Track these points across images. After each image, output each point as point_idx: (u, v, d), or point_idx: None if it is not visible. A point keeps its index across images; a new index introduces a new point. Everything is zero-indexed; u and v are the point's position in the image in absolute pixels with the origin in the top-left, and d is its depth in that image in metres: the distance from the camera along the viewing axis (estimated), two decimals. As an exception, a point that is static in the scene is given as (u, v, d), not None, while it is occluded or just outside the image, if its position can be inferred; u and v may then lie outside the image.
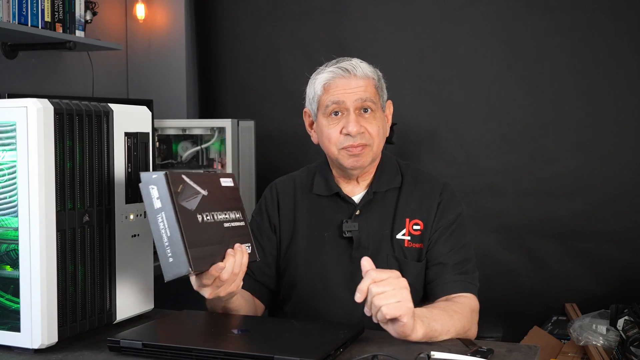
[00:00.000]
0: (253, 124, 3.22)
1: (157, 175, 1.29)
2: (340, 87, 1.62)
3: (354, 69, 1.62)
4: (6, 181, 1.29)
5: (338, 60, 1.67)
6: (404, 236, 1.65)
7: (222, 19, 3.66)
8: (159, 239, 1.29)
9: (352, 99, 1.61)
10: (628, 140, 3.11)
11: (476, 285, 1.62)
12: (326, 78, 1.63)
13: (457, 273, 1.61)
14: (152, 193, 1.29)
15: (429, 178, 1.73)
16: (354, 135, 1.60)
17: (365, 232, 1.65)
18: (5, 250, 1.32)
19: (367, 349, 1.30)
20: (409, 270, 1.62)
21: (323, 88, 1.64)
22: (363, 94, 1.61)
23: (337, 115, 1.63)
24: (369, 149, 1.63)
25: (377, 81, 1.66)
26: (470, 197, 3.17)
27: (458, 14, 3.29)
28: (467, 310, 1.52)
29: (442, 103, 3.33)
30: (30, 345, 1.28)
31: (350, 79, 1.62)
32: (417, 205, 1.67)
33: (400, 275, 1.32)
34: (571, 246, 3.18)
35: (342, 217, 1.68)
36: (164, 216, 1.28)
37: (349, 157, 1.63)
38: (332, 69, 1.64)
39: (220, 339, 1.34)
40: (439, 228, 1.65)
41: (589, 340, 2.83)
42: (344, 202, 1.70)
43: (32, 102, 1.26)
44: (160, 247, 1.30)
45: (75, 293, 1.34)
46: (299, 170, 1.81)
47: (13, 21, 2.63)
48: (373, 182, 1.70)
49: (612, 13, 3.09)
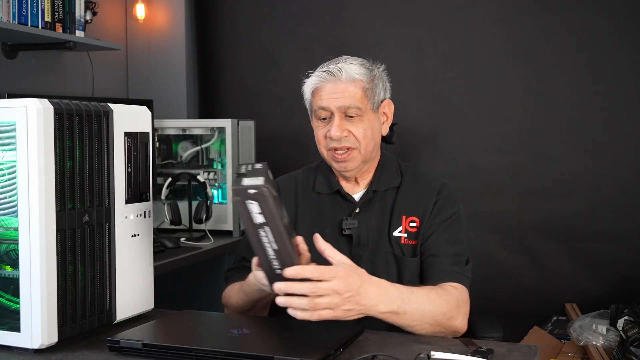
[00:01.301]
0: (253, 124, 3.22)
1: (257, 191, 1.22)
2: (326, 92, 1.64)
3: (339, 72, 1.64)
4: (6, 181, 1.29)
5: (328, 63, 1.69)
6: (400, 233, 1.68)
7: (222, 19, 3.66)
8: (260, 251, 1.28)
9: (336, 105, 1.63)
10: (628, 140, 3.10)
11: (468, 278, 1.63)
12: (314, 82, 1.67)
13: (450, 264, 1.63)
14: (252, 208, 1.23)
15: (428, 178, 1.75)
16: (335, 139, 1.63)
17: (365, 229, 1.68)
18: (5, 250, 1.32)
19: (367, 349, 1.31)
20: (406, 267, 1.65)
21: (312, 92, 1.68)
22: (346, 101, 1.63)
23: (324, 120, 1.66)
24: (356, 152, 1.65)
25: (367, 82, 1.66)
26: (470, 197, 3.17)
27: (458, 14, 3.28)
28: (452, 299, 1.53)
29: (442, 103, 3.33)
30: (30, 345, 1.28)
31: (335, 82, 1.64)
32: (414, 203, 1.69)
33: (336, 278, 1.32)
34: (571, 246, 3.18)
35: (342, 214, 1.70)
36: (267, 231, 1.25)
37: (336, 162, 1.67)
38: (319, 72, 1.67)
39: (220, 339, 1.34)
40: (434, 223, 1.67)
41: (589, 340, 2.83)
42: (344, 200, 1.72)
43: (32, 102, 1.26)
44: (263, 258, 1.29)
45: (75, 293, 1.34)
46: (300, 169, 1.84)
47: (13, 21, 2.63)
48: (373, 180, 1.72)
49: (613, 13, 3.09)
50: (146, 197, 1.50)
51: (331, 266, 1.34)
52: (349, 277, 1.32)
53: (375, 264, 1.65)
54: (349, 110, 1.63)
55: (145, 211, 1.50)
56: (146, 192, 1.50)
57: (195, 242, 2.86)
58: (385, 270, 1.65)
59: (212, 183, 3.13)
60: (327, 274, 1.30)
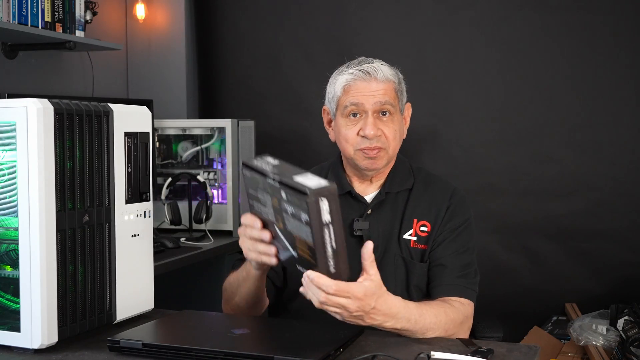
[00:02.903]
0: (253, 124, 3.22)
1: (327, 186, 1.22)
2: (360, 90, 1.63)
3: (375, 72, 1.63)
4: (6, 181, 1.29)
5: (360, 62, 1.67)
6: (410, 236, 1.67)
7: (222, 19, 3.66)
8: (321, 249, 1.27)
9: (371, 102, 1.62)
10: (628, 140, 3.11)
11: (475, 291, 1.62)
12: (347, 79, 1.65)
13: (457, 276, 1.61)
14: (322, 206, 1.22)
15: (439, 182, 1.75)
16: (370, 138, 1.62)
17: (375, 231, 1.67)
18: (5, 250, 1.32)
19: (367, 349, 1.31)
20: (415, 271, 1.65)
21: (343, 89, 1.65)
22: (382, 97, 1.62)
23: (355, 117, 1.65)
24: (385, 152, 1.65)
25: (398, 84, 1.67)
26: (470, 197, 3.12)
27: (458, 14, 3.28)
28: (457, 317, 1.52)
29: (442, 103, 3.33)
30: (30, 346, 1.28)
31: (370, 82, 1.63)
32: (426, 208, 1.69)
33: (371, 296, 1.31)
34: (571, 246, 3.17)
35: (353, 215, 1.69)
36: (331, 229, 1.24)
37: (365, 159, 1.65)
38: (353, 70, 1.65)
39: (220, 339, 1.34)
40: (445, 231, 1.67)
41: (589, 340, 2.83)
42: (355, 201, 1.71)
43: (32, 102, 1.26)
44: (321, 256, 1.28)
45: (75, 293, 1.34)
46: (311, 169, 1.82)
47: (13, 21, 2.63)
48: (386, 182, 1.72)
49: (612, 13, 3.09)
50: (146, 197, 1.50)
51: (352, 284, 1.30)
52: (365, 299, 1.29)
53: (383, 267, 1.63)
54: (384, 107, 1.62)
55: (145, 211, 1.50)
56: (146, 192, 1.50)
57: (195, 242, 2.86)
58: (394, 274, 1.64)
59: (212, 183, 3.13)
60: (343, 292, 1.28)
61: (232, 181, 3.08)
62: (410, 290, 1.63)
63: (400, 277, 1.64)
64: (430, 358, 1.25)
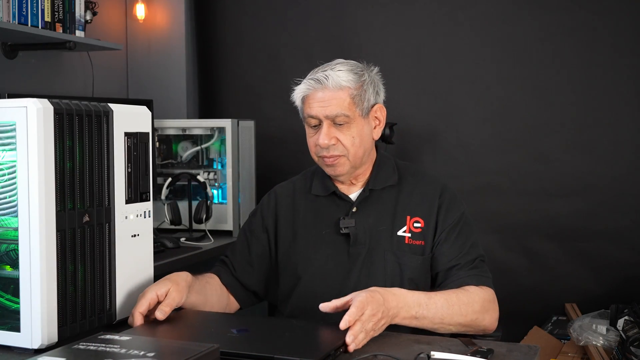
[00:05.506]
0: (253, 124, 3.22)
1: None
2: (314, 100, 1.66)
3: (326, 80, 1.65)
4: (6, 181, 1.29)
5: (317, 70, 1.70)
6: (404, 233, 1.69)
7: (222, 19, 3.66)
8: None
9: (323, 114, 1.65)
10: (628, 140, 3.10)
11: (489, 277, 1.66)
12: (302, 90, 1.70)
13: (470, 269, 1.64)
14: None
15: (428, 178, 1.77)
16: (324, 147, 1.65)
17: (362, 228, 1.69)
18: (5, 250, 1.32)
19: (367, 349, 1.31)
20: (408, 265, 1.66)
21: (302, 100, 1.71)
22: (333, 109, 1.64)
23: (315, 128, 1.68)
24: (344, 158, 1.67)
25: (356, 89, 1.66)
26: (470, 197, 3.16)
27: (458, 14, 3.28)
28: (474, 301, 1.56)
29: (442, 103, 3.33)
30: (30, 346, 1.28)
31: (323, 90, 1.65)
32: (418, 204, 1.71)
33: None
34: (571, 246, 3.17)
35: (339, 214, 1.72)
36: None
37: (326, 166, 1.70)
38: (307, 80, 1.69)
39: (220, 338, 1.34)
40: (445, 229, 1.68)
41: (589, 340, 2.83)
42: (340, 200, 1.74)
43: (32, 102, 1.26)
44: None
45: (75, 293, 1.34)
46: (299, 175, 1.87)
47: (13, 21, 2.63)
48: (369, 180, 1.74)
49: (611, 13, 3.08)
50: (146, 197, 1.50)
51: (355, 300, 1.35)
52: (371, 301, 1.35)
53: (372, 262, 1.66)
54: (336, 119, 1.64)
55: (145, 211, 1.50)
56: (146, 192, 1.50)
57: (195, 242, 2.86)
58: (383, 269, 1.66)
59: (212, 183, 3.13)
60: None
61: (232, 181, 3.08)
62: (404, 284, 1.64)
63: (390, 271, 1.66)
64: (430, 358, 1.25)
